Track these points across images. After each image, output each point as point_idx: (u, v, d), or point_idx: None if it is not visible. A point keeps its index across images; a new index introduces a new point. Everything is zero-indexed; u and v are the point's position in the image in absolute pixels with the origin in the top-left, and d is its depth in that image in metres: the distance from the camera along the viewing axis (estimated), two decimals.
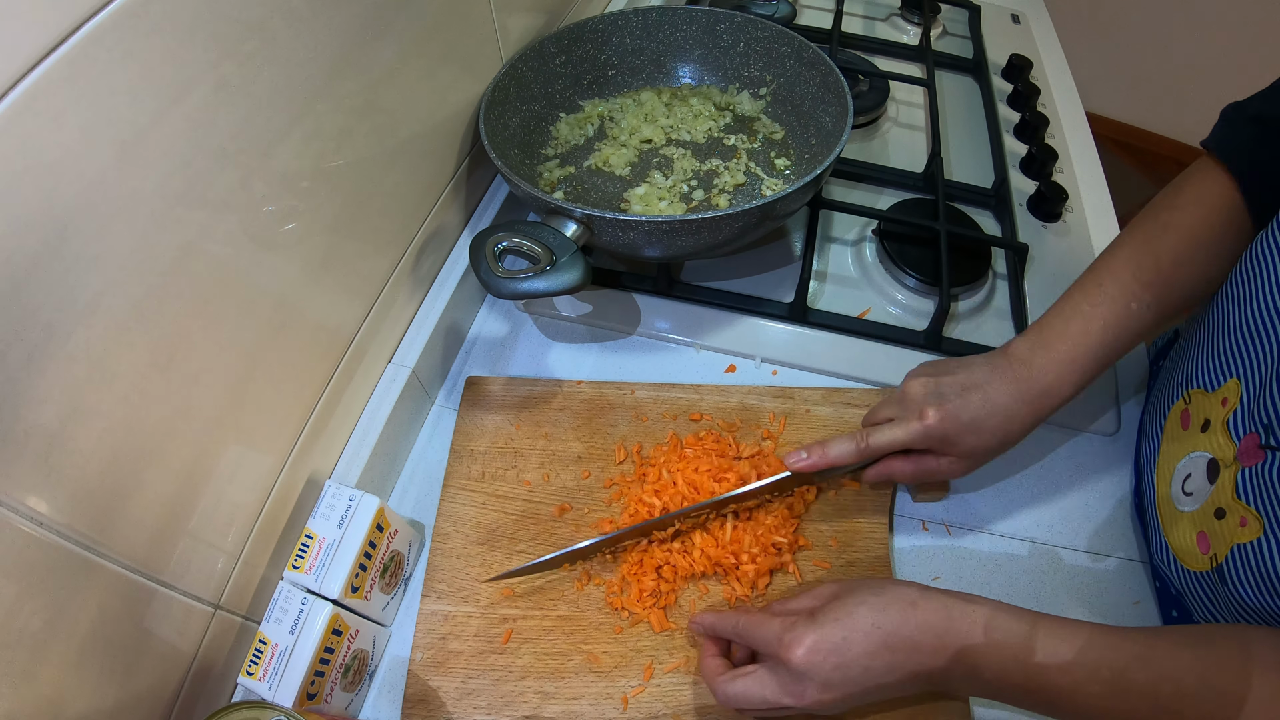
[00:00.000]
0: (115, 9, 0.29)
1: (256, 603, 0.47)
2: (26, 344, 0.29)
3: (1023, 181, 0.81)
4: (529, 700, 0.48)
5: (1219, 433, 0.46)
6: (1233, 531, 0.44)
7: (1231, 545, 0.43)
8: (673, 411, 0.60)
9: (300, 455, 0.48)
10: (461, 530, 0.54)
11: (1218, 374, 0.48)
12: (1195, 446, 0.49)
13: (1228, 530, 0.44)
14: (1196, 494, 0.48)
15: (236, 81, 0.36)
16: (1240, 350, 0.46)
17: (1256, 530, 0.41)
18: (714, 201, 0.68)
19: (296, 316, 0.45)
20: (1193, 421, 0.50)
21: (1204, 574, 0.46)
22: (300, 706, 0.42)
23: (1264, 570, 0.41)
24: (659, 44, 0.76)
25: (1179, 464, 0.50)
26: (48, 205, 0.28)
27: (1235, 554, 0.43)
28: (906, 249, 0.70)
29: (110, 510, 0.35)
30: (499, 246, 0.53)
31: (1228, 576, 0.44)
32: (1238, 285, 0.47)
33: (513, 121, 0.68)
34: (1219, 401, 0.47)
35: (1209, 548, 0.46)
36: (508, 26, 0.65)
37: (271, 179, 0.40)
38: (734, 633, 0.45)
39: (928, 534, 0.57)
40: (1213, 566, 0.45)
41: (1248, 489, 0.43)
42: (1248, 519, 0.42)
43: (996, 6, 1.06)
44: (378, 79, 0.48)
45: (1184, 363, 0.53)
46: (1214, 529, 0.45)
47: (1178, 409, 0.52)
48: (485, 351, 0.66)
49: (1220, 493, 0.45)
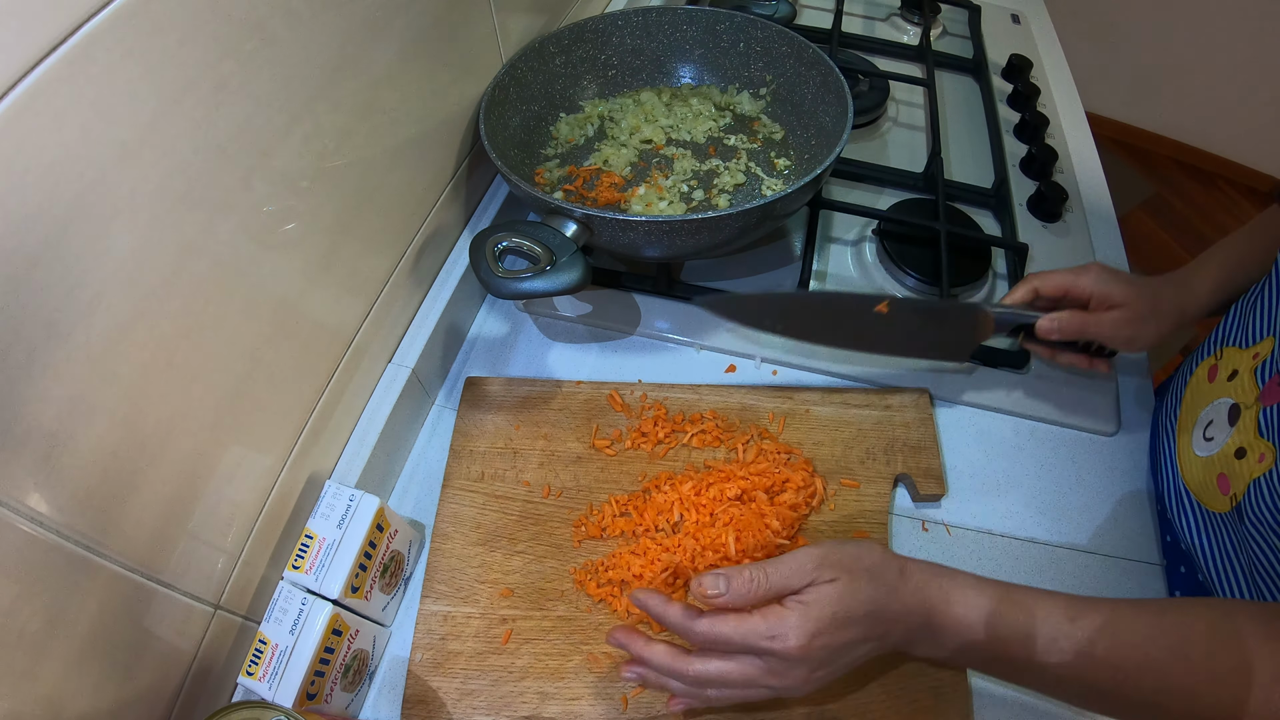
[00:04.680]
0: (115, 9, 0.29)
1: (256, 603, 0.47)
2: (26, 344, 0.29)
3: (1023, 181, 0.81)
4: (529, 700, 0.48)
5: (1245, 379, 0.49)
6: (1250, 468, 0.45)
7: (1249, 481, 0.45)
8: (672, 411, 0.60)
9: (300, 455, 0.48)
10: (461, 530, 0.54)
11: (1256, 332, 0.51)
12: (1219, 394, 0.52)
13: (1246, 468, 0.46)
14: (1217, 438, 0.50)
15: (236, 81, 0.36)
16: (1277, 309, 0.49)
17: (1271, 462, 0.43)
18: (714, 201, 0.68)
19: (296, 316, 0.45)
20: (1220, 374, 0.53)
21: (1224, 515, 0.48)
22: (300, 706, 0.42)
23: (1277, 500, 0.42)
24: (659, 44, 0.76)
25: (1202, 412, 0.53)
26: (48, 205, 0.28)
27: (1253, 489, 0.44)
28: (906, 249, 0.70)
29: (110, 510, 0.35)
30: (499, 246, 0.53)
31: (1246, 514, 0.45)
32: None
33: (513, 121, 0.68)
34: (1251, 355, 0.50)
35: (1229, 488, 0.47)
36: (508, 26, 0.65)
37: (271, 179, 0.40)
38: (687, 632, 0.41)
39: (927, 534, 0.57)
40: (1233, 506, 0.47)
41: (1268, 425, 0.44)
42: (1266, 454, 0.44)
43: (996, 6, 1.06)
44: (378, 79, 0.48)
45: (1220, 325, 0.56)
46: (1233, 469, 0.47)
47: (1206, 364, 0.55)
48: (485, 351, 0.66)
49: (1241, 433, 0.47)
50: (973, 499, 0.58)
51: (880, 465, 0.58)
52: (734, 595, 0.39)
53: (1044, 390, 0.63)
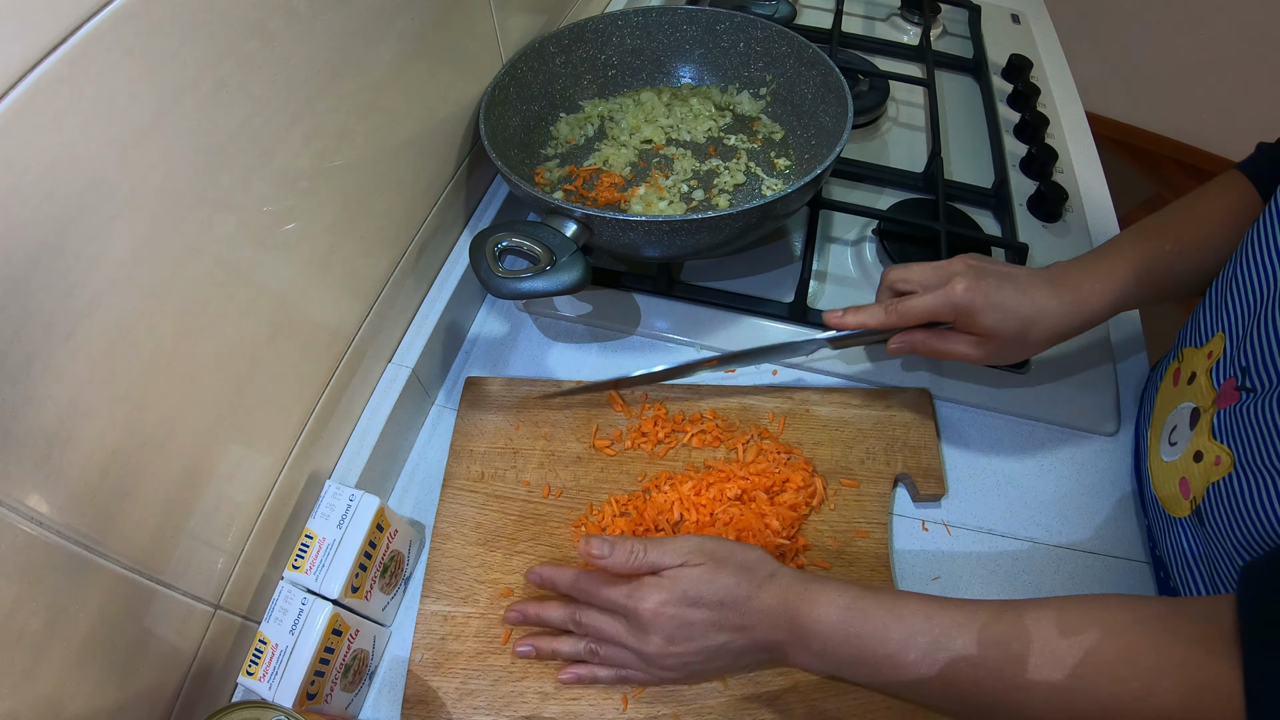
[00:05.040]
0: (115, 9, 0.29)
1: (256, 603, 0.47)
2: (26, 344, 0.29)
3: (1023, 181, 0.81)
4: (529, 700, 0.48)
5: (1202, 381, 0.48)
6: (1208, 471, 0.45)
7: (1207, 485, 0.45)
8: (672, 411, 0.60)
9: (300, 455, 0.48)
10: (461, 530, 0.54)
11: (1207, 330, 0.50)
12: (1182, 399, 0.51)
13: (1204, 470, 0.45)
14: (1180, 444, 0.50)
15: (236, 81, 0.36)
16: (1226, 304, 0.48)
17: (1228, 466, 0.43)
18: (714, 201, 0.68)
19: (296, 316, 0.45)
20: (1182, 377, 0.52)
21: (1186, 520, 0.48)
22: (300, 706, 0.42)
23: (1234, 504, 0.42)
24: (659, 44, 0.76)
25: (1167, 417, 0.52)
26: (48, 205, 0.28)
27: (1210, 493, 0.44)
28: (906, 249, 0.70)
29: (110, 510, 0.35)
30: (499, 246, 0.53)
31: (1205, 517, 0.45)
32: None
33: (513, 121, 0.68)
34: (1205, 355, 0.49)
35: (1189, 492, 0.47)
36: (508, 26, 0.65)
37: (271, 179, 0.40)
38: (573, 588, 0.47)
39: (927, 534, 0.57)
40: (1192, 509, 0.46)
41: (1222, 429, 0.44)
42: (1221, 457, 0.44)
43: (996, 6, 1.05)
44: (378, 79, 0.48)
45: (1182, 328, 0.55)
46: (1193, 472, 0.47)
47: (1172, 369, 0.54)
48: (485, 351, 0.66)
49: (1199, 436, 0.47)
50: (973, 499, 0.58)
51: (880, 465, 0.58)
52: (615, 560, 0.45)
53: (1044, 390, 0.63)
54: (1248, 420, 0.41)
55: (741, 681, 0.49)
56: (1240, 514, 0.41)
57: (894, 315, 0.53)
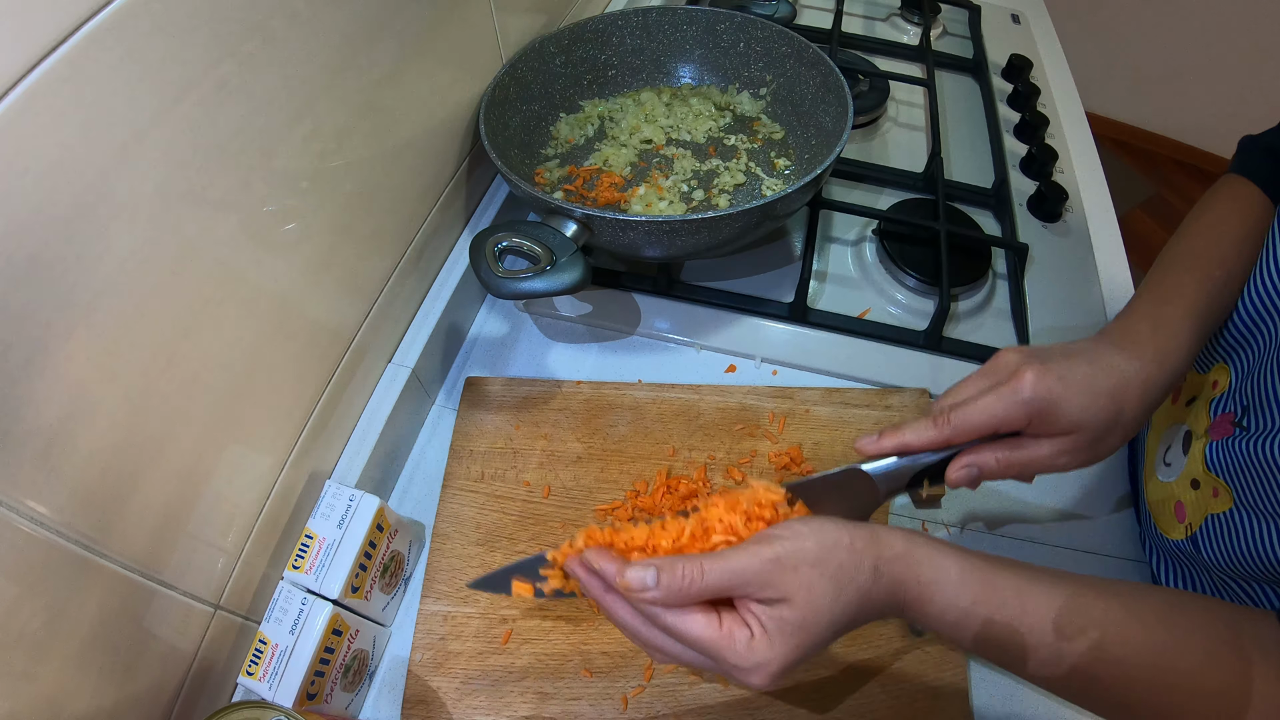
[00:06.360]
0: (115, 9, 0.29)
1: (256, 603, 0.47)
2: (27, 344, 0.29)
3: (1023, 181, 0.81)
4: (529, 700, 0.48)
5: (1200, 407, 0.48)
6: (1206, 502, 0.45)
7: (1205, 515, 0.44)
8: (673, 412, 0.60)
9: (300, 455, 0.48)
10: (461, 531, 0.54)
11: (1209, 356, 0.49)
12: (1178, 419, 0.51)
13: (1202, 500, 0.45)
14: (1174, 464, 0.49)
15: (236, 81, 0.36)
16: (1234, 336, 0.47)
17: (1228, 502, 0.42)
18: (714, 201, 0.68)
19: (297, 316, 0.45)
20: (1182, 397, 0.51)
21: (1180, 542, 0.47)
22: (300, 706, 0.42)
23: (1234, 541, 0.41)
24: (659, 44, 0.76)
25: (1164, 433, 0.52)
26: (48, 205, 0.28)
27: (1209, 524, 0.44)
28: (906, 249, 0.70)
29: (110, 510, 0.35)
30: (499, 246, 0.54)
31: (1202, 546, 0.44)
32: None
33: (513, 121, 0.68)
34: (1209, 383, 0.48)
35: (1185, 516, 0.47)
36: (508, 26, 0.65)
37: (272, 179, 0.40)
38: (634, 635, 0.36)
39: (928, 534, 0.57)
40: (1187, 535, 0.46)
41: (1216, 462, 0.44)
42: (1219, 490, 0.43)
43: (996, 6, 1.06)
44: (378, 79, 0.48)
45: None
46: (1190, 499, 0.47)
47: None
48: (485, 351, 0.66)
49: (1193, 463, 0.47)
50: (973, 499, 0.58)
51: None
52: (665, 592, 0.34)
53: None
54: (1245, 458, 0.41)
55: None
56: (1239, 551, 0.41)
57: (946, 428, 0.42)
